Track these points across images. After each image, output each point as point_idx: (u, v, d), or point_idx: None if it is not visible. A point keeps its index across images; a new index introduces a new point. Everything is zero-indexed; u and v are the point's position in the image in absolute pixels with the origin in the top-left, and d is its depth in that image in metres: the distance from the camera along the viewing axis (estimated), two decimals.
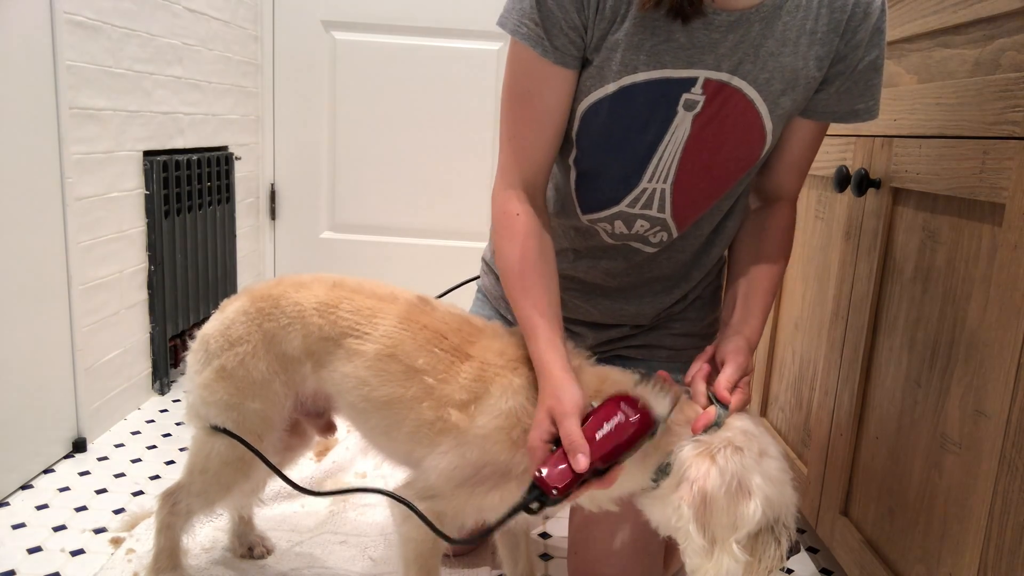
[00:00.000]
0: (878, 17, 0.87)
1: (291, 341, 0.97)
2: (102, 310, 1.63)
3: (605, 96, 0.90)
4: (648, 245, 1.02)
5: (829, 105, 0.92)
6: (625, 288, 1.07)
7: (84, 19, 1.50)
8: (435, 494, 0.89)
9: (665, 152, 0.93)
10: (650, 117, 0.90)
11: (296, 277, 1.03)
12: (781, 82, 0.89)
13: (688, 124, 0.91)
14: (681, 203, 0.97)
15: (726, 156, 0.94)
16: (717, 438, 0.80)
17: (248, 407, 0.98)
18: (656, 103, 0.89)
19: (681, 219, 1.00)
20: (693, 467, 0.79)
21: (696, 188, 0.96)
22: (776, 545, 0.79)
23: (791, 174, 1.00)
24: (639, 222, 0.99)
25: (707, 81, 0.88)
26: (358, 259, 2.62)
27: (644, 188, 0.96)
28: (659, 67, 0.87)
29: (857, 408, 1.11)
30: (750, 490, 0.77)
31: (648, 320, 1.09)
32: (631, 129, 0.92)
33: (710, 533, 0.77)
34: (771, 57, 0.87)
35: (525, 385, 0.87)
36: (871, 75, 0.90)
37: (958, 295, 0.87)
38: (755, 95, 0.89)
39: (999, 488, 0.76)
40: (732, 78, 0.88)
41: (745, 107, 0.90)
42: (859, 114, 0.92)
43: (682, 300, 1.09)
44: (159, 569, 1.09)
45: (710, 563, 0.78)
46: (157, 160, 1.78)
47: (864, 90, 0.91)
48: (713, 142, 0.92)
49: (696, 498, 0.77)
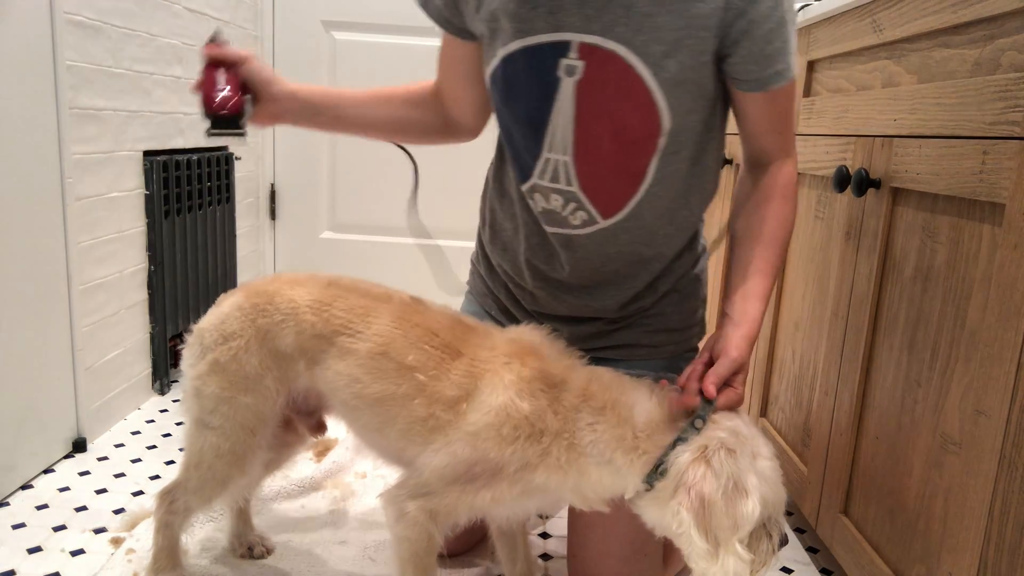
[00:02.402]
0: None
1: (284, 338, 0.97)
2: (102, 310, 1.63)
3: (497, 66, 0.95)
4: (570, 227, 1.01)
5: (744, 72, 0.89)
6: (585, 282, 1.06)
7: (84, 19, 1.50)
8: (428, 492, 0.89)
9: (557, 121, 0.94)
10: (535, 84, 0.92)
11: (292, 274, 1.04)
12: (662, 43, 0.86)
13: (572, 91, 0.91)
14: (589, 179, 0.97)
15: (620, 126, 0.92)
16: (711, 440, 0.80)
17: (240, 401, 0.98)
18: (537, 69, 0.91)
19: (600, 200, 0.98)
20: (689, 472, 0.79)
21: (598, 162, 0.95)
22: (768, 540, 0.81)
23: (767, 138, 0.97)
24: (553, 196, 0.99)
25: (582, 45, 0.88)
26: (358, 259, 2.62)
27: (547, 159, 0.97)
28: (532, 33, 0.90)
29: (857, 408, 1.11)
30: (747, 490, 0.78)
31: (614, 312, 1.07)
32: (521, 97, 0.95)
33: (712, 536, 0.78)
34: (646, 18, 0.85)
35: (515, 381, 0.87)
36: (779, 32, 0.86)
37: (958, 295, 0.87)
38: (633, 58, 0.87)
39: (999, 488, 0.76)
40: (605, 41, 0.87)
41: (624, 71, 0.88)
42: (777, 77, 0.89)
43: (650, 292, 1.07)
44: (158, 568, 1.09)
45: (716, 565, 0.78)
46: (157, 160, 1.78)
47: (778, 50, 0.87)
48: (601, 110, 0.91)
49: (695, 503, 0.78)
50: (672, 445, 0.82)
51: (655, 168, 0.95)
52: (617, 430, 0.84)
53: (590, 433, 0.85)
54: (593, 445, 0.85)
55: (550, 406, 0.86)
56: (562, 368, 0.90)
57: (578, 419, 0.86)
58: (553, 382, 0.88)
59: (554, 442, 0.86)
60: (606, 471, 0.85)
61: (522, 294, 1.11)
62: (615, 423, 0.85)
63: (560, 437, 0.85)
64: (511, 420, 0.86)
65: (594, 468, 0.85)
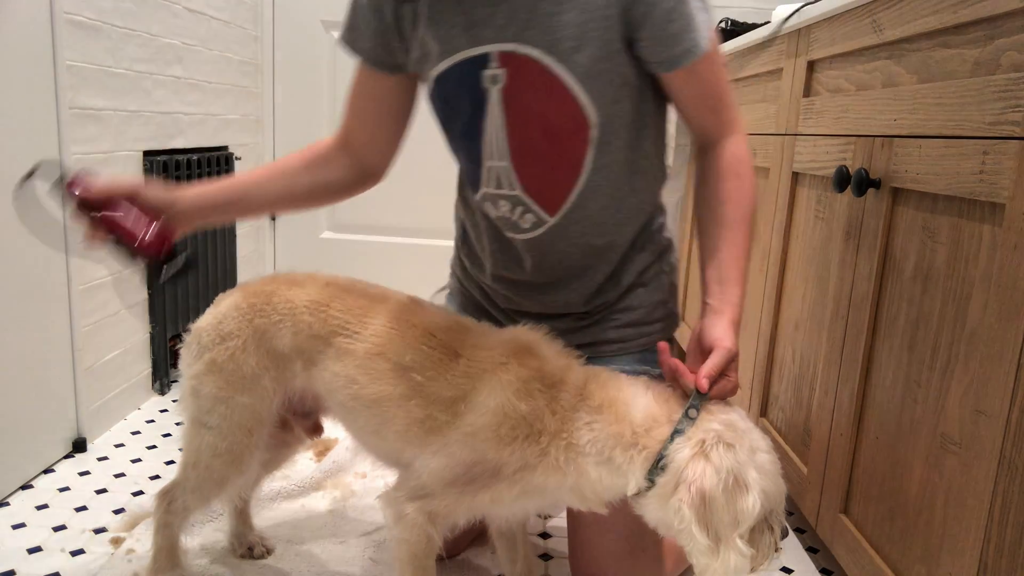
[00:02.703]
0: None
1: (282, 338, 0.97)
2: (102, 310, 1.63)
3: (433, 88, 0.99)
4: (523, 231, 1.03)
5: (653, 53, 0.90)
6: (548, 279, 1.07)
7: (84, 19, 1.50)
8: (427, 494, 0.89)
9: (491, 130, 0.97)
10: (466, 99, 0.96)
11: (290, 275, 1.04)
12: (570, 39, 0.88)
13: (499, 99, 0.94)
14: (530, 180, 0.99)
15: (549, 125, 0.95)
16: (708, 434, 0.80)
17: (237, 401, 0.98)
18: (465, 85, 0.95)
19: (543, 198, 1.00)
20: (689, 468, 0.79)
21: (536, 162, 0.98)
22: (770, 533, 0.81)
23: (703, 118, 0.98)
24: (502, 202, 1.02)
25: (500, 54, 0.91)
26: (358, 259, 2.62)
27: (489, 167, 1.01)
28: (455, 52, 0.94)
29: (857, 408, 1.11)
30: (747, 484, 0.78)
31: (581, 307, 1.09)
32: (457, 113, 0.99)
33: (713, 532, 0.78)
34: (551, 17, 0.88)
35: (513, 381, 0.87)
36: (680, 9, 0.87)
37: (958, 295, 0.87)
38: (546, 58, 0.90)
39: (999, 488, 0.76)
40: (519, 46, 0.90)
41: (542, 72, 0.91)
42: (686, 55, 0.90)
43: (613, 286, 1.08)
44: (158, 569, 1.09)
45: (717, 561, 0.78)
46: (157, 160, 1.78)
47: (682, 27, 0.88)
48: (529, 113, 0.94)
49: (695, 499, 0.78)
50: (670, 438, 0.82)
51: (591, 159, 0.97)
52: (615, 427, 0.84)
53: (588, 432, 0.85)
54: (592, 444, 0.85)
55: (548, 406, 0.86)
56: (559, 368, 0.90)
57: (576, 418, 0.86)
58: (551, 382, 0.88)
59: (552, 442, 0.85)
60: (605, 470, 0.85)
61: (495, 294, 1.14)
62: (613, 421, 0.84)
63: (558, 437, 0.85)
64: (509, 420, 0.86)
65: (593, 467, 0.85)
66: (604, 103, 0.93)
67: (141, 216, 0.95)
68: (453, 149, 1.06)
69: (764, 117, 1.60)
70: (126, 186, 0.96)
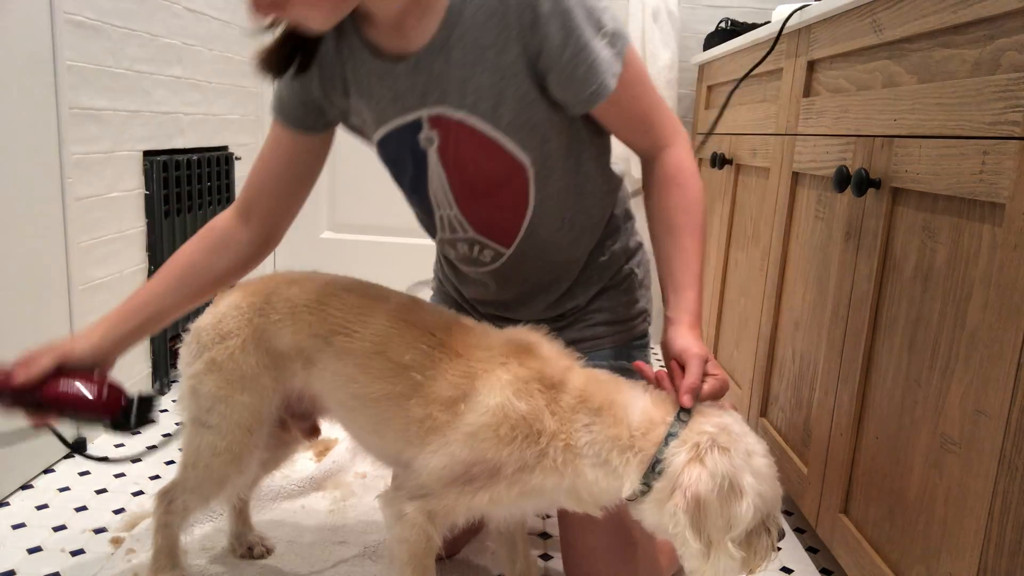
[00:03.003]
0: (548, 3, 0.86)
1: (281, 337, 0.97)
2: (102, 310, 1.62)
3: (377, 149, 1.04)
4: (483, 265, 1.10)
5: (565, 98, 0.93)
6: (516, 295, 1.13)
7: (84, 19, 1.50)
8: (426, 493, 0.89)
9: (435, 184, 1.03)
10: (408, 158, 1.01)
11: (289, 273, 1.04)
12: (488, 98, 0.92)
13: (436, 157, 0.99)
14: (479, 222, 1.05)
15: (486, 175, 0.99)
16: (703, 438, 0.81)
17: (237, 400, 0.98)
18: (404, 146, 1.00)
19: (495, 236, 1.06)
20: (684, 474, 0.79)
21: (483, 208, 1.03)
22: (768, 536, 0.81)
23: (636, 139, 1.01)
24: (460, 245, 1.09)
25: (429, 118, 0.96)
26: (358, 259, 2.62)
27: (440, 216, 1.06)
28: (389, 120, 0.99)
29: (857, 408, 1.11)
30: (742, 489, 0.78)
31: (552, 313, 1.14)
32: (402, 171, 1.05)
33: (705, 535, 0.78)
34: (465, 82, 0.92)
35: (513, 381, 0.87)
36: (582, 55, 0.89)
37: (958, 295, 0.87)
38: (472, 118, 0.94)
39: (999, 488, 0.76)
40: (445, 109, 0.95)
41: (470, 130, 0.95)
42: (595, 96, 0.92)
43: (582, 291, 1.13)
44: (158, 569, 1.09)
45: (707, 564, 0.79)
46: (157, 160, 1.78)
47: (586, 72, 0.90)
48: (466, 166, 0.99)
49: (690, 503, 0.78)
50: (664, 442, 0.82)
51: (534, 194, 1.01)
52: (613, 430, 0.84)
53: (586, 434, 0.85)
54: (589, 446, 0.85)
55: (547, 407, 0.86)
56: (560, 369, 0.90)
57: (575, 420, 0.85)
58: (551, 383, 0.88)
59: (551, 443, 0.85)
60: (602, 472, 0.85)
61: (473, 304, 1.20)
62: (611, 423, 0.84)
63: (557, 438, 0.85)
64: (508, 420, 0.86)
65: (590, 469, 0.85)
66: (534, 146, 0.97)
67: (80, 379, 0.94)
68: (407, 201, 1.11)
69: (764, 117, 1.60)
70: (50, 359, 0.94)
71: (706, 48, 2.29)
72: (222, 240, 1.06)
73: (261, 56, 0.95)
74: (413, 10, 0.90)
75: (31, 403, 0.93)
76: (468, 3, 0.89)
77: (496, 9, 0.88)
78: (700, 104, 2.37)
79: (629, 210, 1.19)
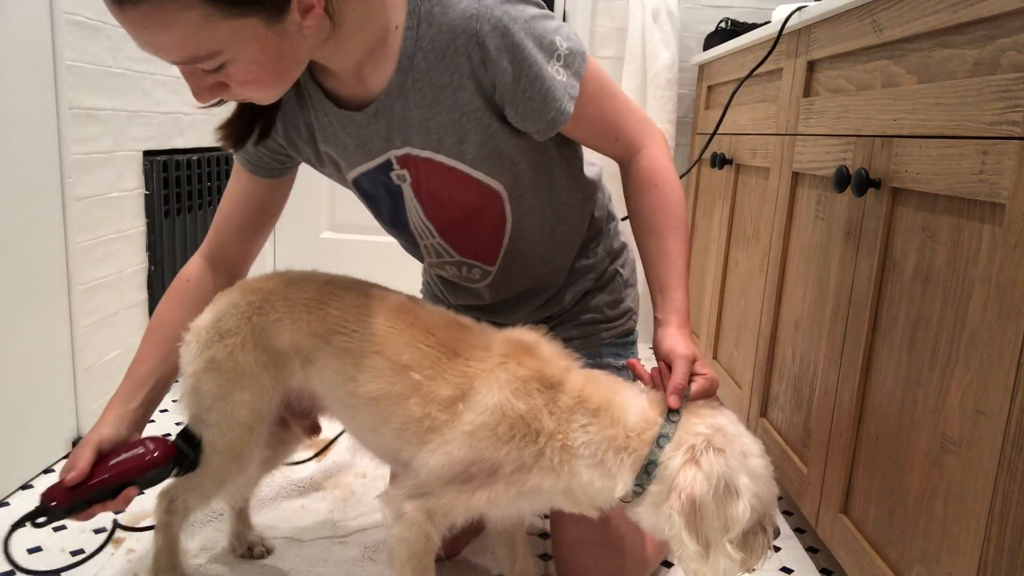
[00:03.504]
0: (495, 39, 0.86)
1: (280, 336, 0.97)
2: (102, 310, 1.63)
3: (352, 187, 1.07)
4: (475, 282, 1.13)
5: (527, 126, 0.94)
6: (505, 301, 1.17)
7: (84, 19, 1.50)
8: (425, 492, 0.89)
9: (413, 217, 1.06)
10: (383, 195, 1.04)
11: (288, 273, 1.04)
12: (451, 135, 0.94)
13: (411, 192, 1.02)
14: (463, 247, 1.08)
15: (462, 204, 1.01)
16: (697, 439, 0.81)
17: (237, 398, 0.98)
18: (378, 185, 1.03)
19: (480, 257, 1.08)
20: (680, 476, 0.80)
21: (463, 234, 1.06)
22: (764, 535, 0.82)
23: (607, 148, 1.02)
24: (448, 267, 1.12)
25: (398, 158, 0.98)
26: (358, 259, 2.62)
27: (425, 245, 1.10)
28: (358, 163, 1.01)
29: (857, 408, 1.11)
30: (738, 491, 0.79)
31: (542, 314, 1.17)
32: (380, 206, 1.07)
33: (703, 537, 0.79)
34: (427, 122, 0.94)
35: (511, 380, 0.87)
36: (536, 85, 0.90)
37: (958, 295, 0.87)
38: (438, 156, 0.96)
39: (999, 488, 0.76)
40: (410, 149, 0.97)
41: (439, 166, 0.97)
42: (554, 123, 0.94)
43: (570, 293, 1.16)
44: (158, 569, 1.09)
45: (707, 566, 0.79)
46: (157, 160, 1.78)
47: (542, 100, 0.91)
48: (441, 199, 1.01)
49: (686, 506, 0.78)
50: (656, 443, 0.82)
51: (511, 213, 1.04)
52: (609, 431, 0.84)
53: (583, 434, 0.85)
54: (586, 446, 0.85)
55: (546, 406, 0.86)
56: (559, 369, 0.90)
57: (572, 420, 0.86)
58: (550, 383, 0.88)
59: (549, 443, 0.86)
60: (597, 473, 0.85)
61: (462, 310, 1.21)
62: (608, 424, 0.85)
63: (554, 438, 0.85)
64: (507, 419, 0.86)
65: (585, 470, 0.85)
66: (504, 172, 0.99)
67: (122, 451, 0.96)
68: (389, 232, 1.14)
69: (764, 117, 1.60)
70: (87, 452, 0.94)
71: (706, 48, 2.29)
72: (198, 295, 1.07)
73: (222, 130, 0.97)
74: (367, 60, 0.91)
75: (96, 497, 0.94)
76: (418, 47, 0.89)
77: (445, 51, 0.89)
78: (700, 104, 2.37)
79: (611, 211, 1.21)
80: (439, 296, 1.27)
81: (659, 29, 2.32)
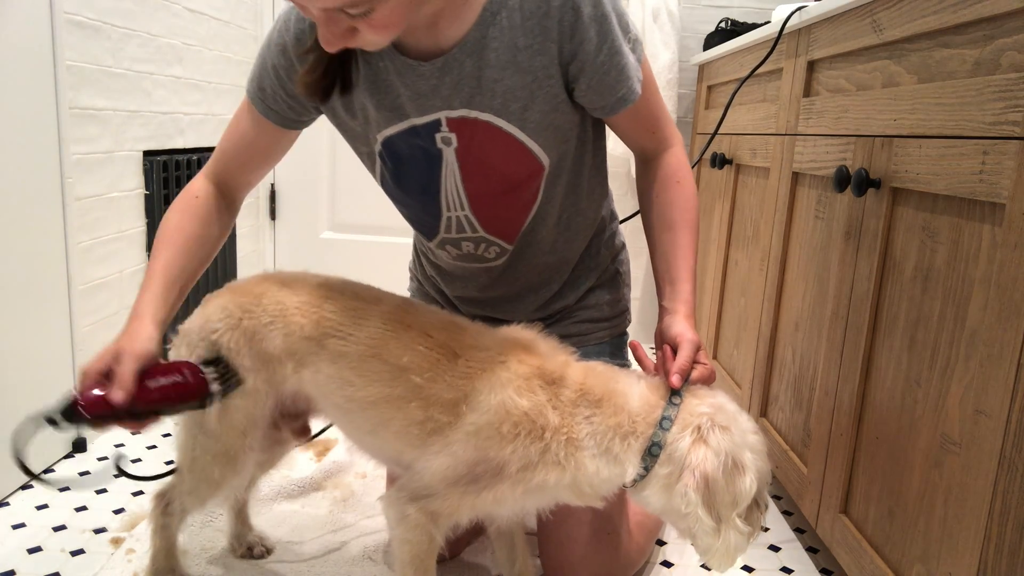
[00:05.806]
0: (589, 7, 0.88)
1: (272, 340, 0.96)
2: (102, 310, 1.63)
3: (380, 149, 1.02)
4: (488, 261, 1.11)
5: (592, 101, 0.95)
6: (508, 295, 1.15)
7: (84, 19, 1.50)
8: (429, 494, 0.89)
9: (447, 184, 1.02)
10: (420, 158, 1.00)
11: (280, 274, 1.02)
12: (517, 100, 0.93)
13: (453, 157, 0.99)
14: (489, 221, 1.06)
15: (505, 175, 1.00)
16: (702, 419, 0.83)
17: (229, 403, 0.97)
18: (418, 147, 0.99)
19: (502, 233, 1.07)
20: (691, 455, 0.82)
21: (494, 207, 1.04)
22: (758, 509, 0.85)
23: (643, 141, 1.04)
24: (465, 244, 1.09)
25: (449, 120, 0.95)
26: (358, 259, 2.62)
27: (448, 217, 1.06)
28: (403, 118, 0.97)
29: (857, 408, 1.11)
30: (744, 465, 0.81)
31: (541, 314, 1.17)
32: (411, 171, 1.02)
33: (715, 512, 0.81)
34: (496, 83, 0.92)
35: (512, 378, 0.88)
36: (614, 60, 0.91)
37: (958, 295, 0.87)
38: (499, 120, 0.94)
39: (999, 488, 0.76)
40: (469, 111, 0.94)
41: (495, 132, 0.95)
42: (623, 101, 0.95)
43: (571, 291, 1.16)
44: (157, 570, 1.09)
45: (719, 541, 0.81)
46: (157, 160, 1.78)
47: (617, 76, 0.92)
48: (484, 168, 0.99)
49: (700, 483, 0.81)
50: (659, 424, 0.84)
51: (542, 193, 1.04)
52: (614, 419, 0.85)
53: (587, 426, 0.86)
54: (590, 437, 0.86)
55: (549, 402, 0.86)
56: (559, 364, 0.90)
57: (576, 413, 0.86)
58: (551, 378, 0.88)
59: (554, 437, 0.86)
60: (603, 461, 0.86)
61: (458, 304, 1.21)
62: (611, 412, 0.86)
63: (559, 432, 0.86)
64: (510, 417, 0.86)
65: (591, 460, 0.86)
66: (554, 148, 0.99)
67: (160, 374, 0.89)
68: (401, 205, 1.10)
69: (764, 117, 1.60)
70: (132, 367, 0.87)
71: (706, 48, 2.29)
72: (207, 209, 1.04)
73: (309, 85, 0.94)
74: (447, 9, 0.89)
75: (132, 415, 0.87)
76: (504, 4, 0.89)
77: (536, 10, 0.88)
78: (700, 104, 2.37)
79: (614, 211, 1.23)
80: (432, 296, 1.26)
81: (659, 29, 2.32)
